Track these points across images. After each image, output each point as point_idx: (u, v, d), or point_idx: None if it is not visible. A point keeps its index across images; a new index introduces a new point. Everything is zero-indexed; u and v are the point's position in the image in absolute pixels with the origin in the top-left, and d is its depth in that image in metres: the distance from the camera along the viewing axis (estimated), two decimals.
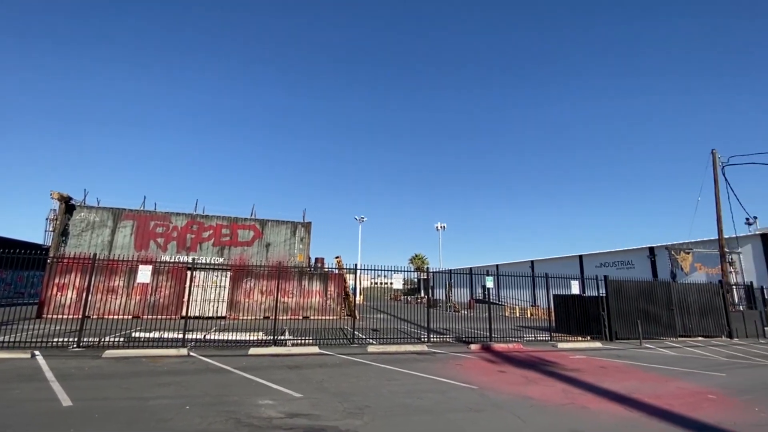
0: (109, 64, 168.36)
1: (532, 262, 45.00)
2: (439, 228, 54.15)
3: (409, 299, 51.21)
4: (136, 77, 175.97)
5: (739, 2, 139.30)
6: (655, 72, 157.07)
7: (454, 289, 37.10)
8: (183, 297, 16.64)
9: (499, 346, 12.50)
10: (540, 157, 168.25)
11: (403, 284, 14.99)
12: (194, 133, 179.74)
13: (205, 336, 12.41)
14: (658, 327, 15.79)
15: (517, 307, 32.82)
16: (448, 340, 13.84)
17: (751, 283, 19.92)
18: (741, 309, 18.43)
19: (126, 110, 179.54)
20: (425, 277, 25.82)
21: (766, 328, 18.23)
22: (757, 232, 24.49)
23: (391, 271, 14.03)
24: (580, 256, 39.05)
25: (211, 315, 19.91)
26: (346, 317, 22.77)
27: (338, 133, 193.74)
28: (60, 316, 15.38)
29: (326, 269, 23.82)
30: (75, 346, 10.14)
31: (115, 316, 14.94)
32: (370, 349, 11.36)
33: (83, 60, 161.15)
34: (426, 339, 13.35)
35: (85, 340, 10.42)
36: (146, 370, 8.07)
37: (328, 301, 23.38)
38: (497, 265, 50.79)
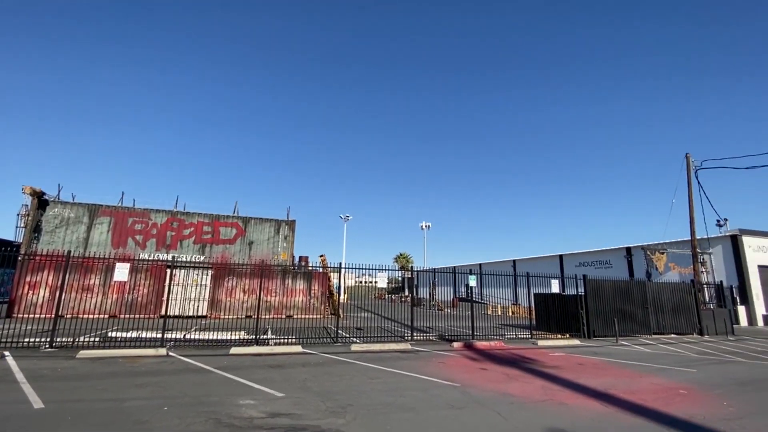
0: (89, 58, 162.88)
1: (514, 261, 45.71)
2: (423, 227, 54.46)
3: (394, 298, 51.38)
4: (118, 72, 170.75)
5: (715, 8, 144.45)
6: (635, 76, 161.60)
7: (438, 287, 37.38)
8: (162, 296, 16.27)
9: (481, 344, 12.68)
10: (522, 159, 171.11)
11: (388, 283, 15.05)
12: (175, 130, 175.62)
13: (184, 335, 12.17)
14: (633, 325, 16.30)
15: (499, 305, 33.28)
16: (431, 338, 13.95)
17: (721, 282, 20.75)
18: (711, 307, 19.16)
19: (105, 106, 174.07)
20: (410, 275, 25.92)
21: (734, 326, 19.02)
22: (727, 234, 25.53)
23: (375, 269, 14.05)
24: (561, 256, 39.87)
25: (191, 314, 19.51)
26: (330, 316, 22.69)
27: (323, 132, 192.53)
28: (32, 316, 14.81)
29: (310, 268, 23.67)
30: (47, 346, 9.80)
31: (91, 316, 14.49)
32: (354, 347, 11.35)
33: (63, 54, 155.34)
34: (410, 337, 13.42)
35: (58, 340, 10.08)
36: (123, 370, 7.86)
37: (312, 300, 23.24)
38: (480, 264, 51.37)
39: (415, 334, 13.66)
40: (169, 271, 11.91)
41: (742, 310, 23.90)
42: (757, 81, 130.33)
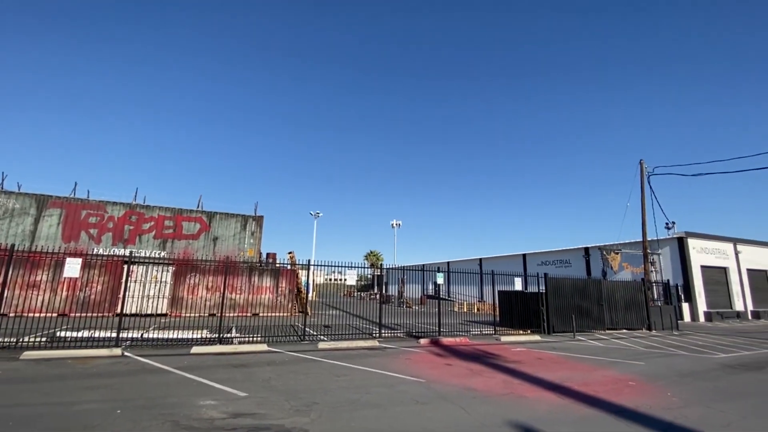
0: (45, 39, 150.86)
1: (480, 259, 46.91)
2: (394, 225, 54.75)
3: (363, 295, 51.37)
4: (72, 56, 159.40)
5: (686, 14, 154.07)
6: (598, 84, 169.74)
7: (407, 285, 37.74)
8: (119, 293, 15.43)
9: (447, 340, 12.94)
10: (490, 162, 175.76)
11: (357, 281, 15.01)
12: (135, 119, 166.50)
13: (142, 334, 11.61)
14: (589, 321, 17.18)
15: (465, 302, 34.08)
16: (399, 335, 14.08)
17: (668, 281, 22.30)
18: (659, 304, 20.53)
19: (59, 90, 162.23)
20: (379, 273, 26.05)
21: (678, 322, 20.48)
22: (675, 236, 27.42)
23: (344, 267, 13.99)
24: (524, 255, 41.33)
25: (150, 312, 18.64)
26: (298, 314, 22.37)
27: (293, 128, 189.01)
28: None
29: (278, 265, 23.21)
30: None
31: (37, 314, 13.52)
32: (321, 345, 11.27)
33: (12, 34, 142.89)
34: (377, 334, 13.48)
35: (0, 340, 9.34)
36: (72, 372, 7.40)
37: (280, 298, 22.80)
38: (448, 263, 52.36)
39: (383, 332, 13.74)
40: (126, 267, 11.31)
41: (686, 306, 25.75)
42: (710, 89, 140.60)
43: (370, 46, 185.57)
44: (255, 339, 11.57)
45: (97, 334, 10.71)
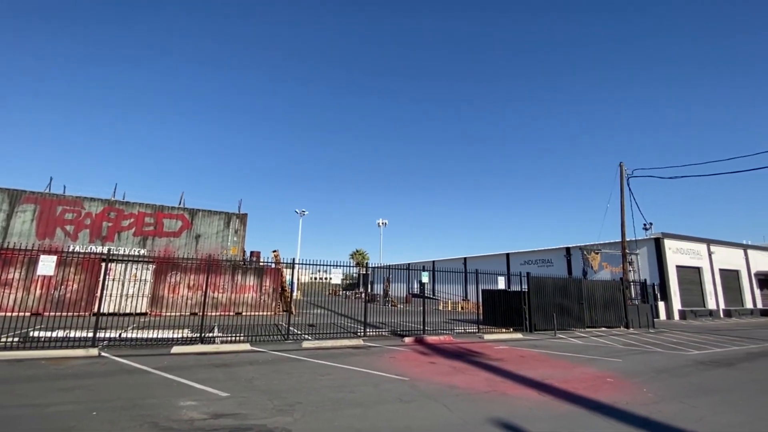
0: (17, 32, 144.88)
1: (465, 258, 47.34)
2: (380, 224, 54.79)
3: (348, 294, 51.21)
4: (48, 47, 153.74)
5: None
6: (580, 90, 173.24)
7: (393, 284, 37.80)
8: (96, 291, 14.98)
9: (431, 339, 13.03)
10: (475, 163, 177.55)
11: (342, 279, 14.95)
12: (117, 115, 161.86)
13: (120, 334, 11.32)
14: (570, 319, 17.55)
15: (450, 301, 34.35)
16: (384, 333, 14.11)
17: (645, 280, 22.93)
18: (636, 303, 21.11)
19: (35, 84, 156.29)
20: (365, 272, 26.02)
21: (655, 320, 21.11)
22: (652, 237, 28.24)
23: (329, 265, 13.92)
24: (507, 254, 41.89)
25: (129, 311, 18.17)
26: (282, 313, 22.16)
27: (280, 126, 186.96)
28: None
29: (262, 263, 22.93)
30: None
31: (10, 313, 13.04)
32: (306, 344, 11.19)
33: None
34: (362, 333, 13.48)
35: None
36: (46, 373, 7.16)
37: (264, 297, 22.53)
38: (434, 262, 52.65)
39: (368, 330, 13.74)
40: (104, 264, 10.99)
41: (662, 305, 26.58)
42: (693, 91, 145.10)
43: (351, 43, 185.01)
44: (238, 338, 11.42)
45: (72, 334, 10.38)
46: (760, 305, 32.90)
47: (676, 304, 27.08)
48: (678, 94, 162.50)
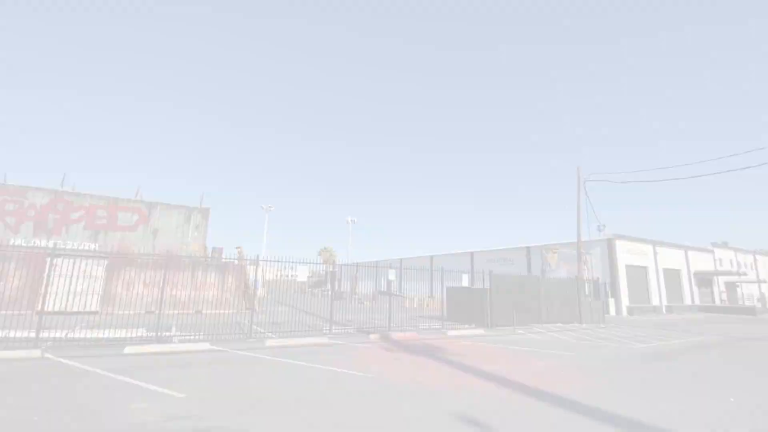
0: None
1: (431, 257, 48.11)
2: (349, 222, 54.55)
3: (315, 292, 50.69)
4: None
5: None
6: (549, 95, 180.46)
7: (361, 281, 37.84)
8: (40, 288, 13.92)
9: (396, 335, 13.18)
10: (443, 164, 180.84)
11: (310, 277, 14.81)
12: (69, 97, 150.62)
13: (67, 334, 10.61)
14: (529, 315, 18.32)
15: (416, 298, 34.80)
16: (350, 331, 14.10)
17: (598, 279, 24.36)
18: (590, 300, 22.36)
19: None
20: (332, 269, 25.82)
21: (606, 316, 22.47)
22: (604, 237, 29.99)
23: (295, 262, 13.73)
24: (472, 253, 42.98)
25: (78, 310, 17.02)
26: (245, 311, 21.58)
27: (244, 120, 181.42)
28: None
29: (224, 260, 22.20)
30: None
31: None
32: (269, 343, 10.99)
33: None
34: (328, 330, 13.40)
35: None
36: None
37: (226, 294, 21.84)
38: (401, 260, 53.16)
39: (334, 328, 13.68)
40: (49, 260, 10.25)
41: (612, 302, 28.30)
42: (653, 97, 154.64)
43: (326, 35, 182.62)
44: (197, 337, 11.02)
45: (12, 334, 9.62)
46: (698, 302, 35.78)
47: (625, 301, 28.90)
48: (629, 102, 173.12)
